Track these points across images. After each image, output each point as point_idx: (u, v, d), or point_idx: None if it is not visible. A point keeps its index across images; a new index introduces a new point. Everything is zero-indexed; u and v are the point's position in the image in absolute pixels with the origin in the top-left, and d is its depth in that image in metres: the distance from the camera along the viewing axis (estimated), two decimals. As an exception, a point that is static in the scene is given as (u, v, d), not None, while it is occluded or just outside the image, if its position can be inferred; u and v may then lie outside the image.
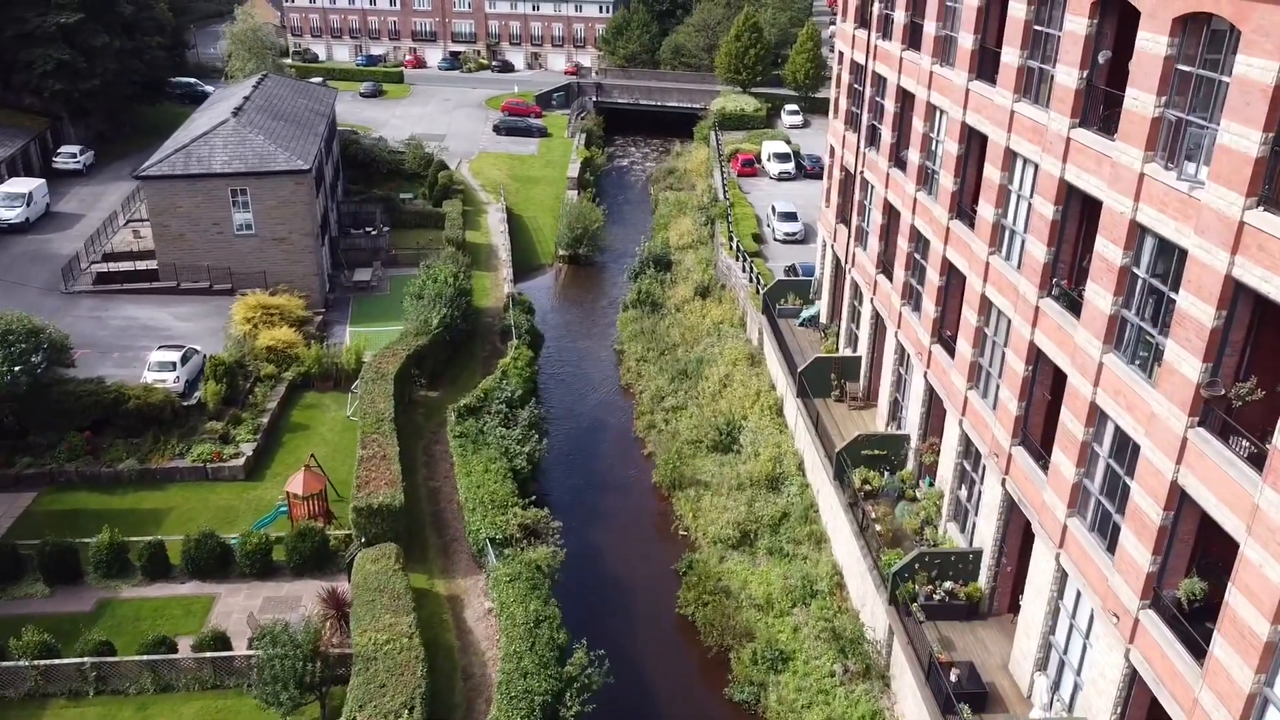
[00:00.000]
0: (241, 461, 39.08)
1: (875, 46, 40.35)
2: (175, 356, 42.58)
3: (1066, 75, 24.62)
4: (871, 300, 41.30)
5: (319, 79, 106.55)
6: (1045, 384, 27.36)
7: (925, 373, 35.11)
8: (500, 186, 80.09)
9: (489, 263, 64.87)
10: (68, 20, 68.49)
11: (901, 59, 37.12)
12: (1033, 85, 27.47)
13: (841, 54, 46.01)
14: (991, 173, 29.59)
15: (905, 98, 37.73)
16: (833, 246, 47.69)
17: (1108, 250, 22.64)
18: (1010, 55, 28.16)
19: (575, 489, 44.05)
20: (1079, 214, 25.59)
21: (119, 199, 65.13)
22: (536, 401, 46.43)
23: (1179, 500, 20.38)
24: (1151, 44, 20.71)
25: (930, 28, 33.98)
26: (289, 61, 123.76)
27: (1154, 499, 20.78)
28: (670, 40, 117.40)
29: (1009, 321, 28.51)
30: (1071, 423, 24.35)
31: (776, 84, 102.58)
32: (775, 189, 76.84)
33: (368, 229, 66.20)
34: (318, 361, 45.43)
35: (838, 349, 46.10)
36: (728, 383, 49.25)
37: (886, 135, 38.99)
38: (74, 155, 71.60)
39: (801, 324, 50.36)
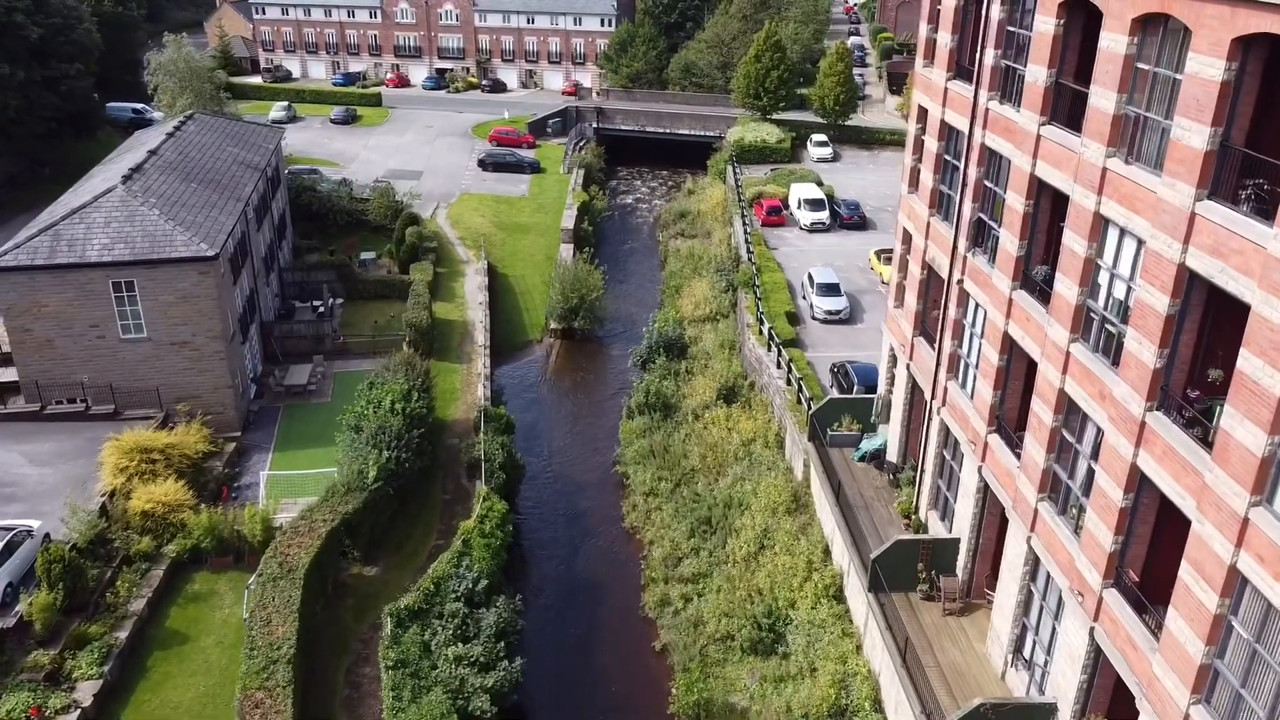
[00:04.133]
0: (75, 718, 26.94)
1: (987, 112, 28.13)
2: (-8, 546, 30.24)
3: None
4: (980, 469, 29.11)
5: (284, 103, 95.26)
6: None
7: (1091, 627, 22.90)
8: (482, 239, 67.90)
9: (462, 348, 52.68)
10: (-46, 49, 56.73)
11: (1041, 139, 24.91)
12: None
13: (924, 110, 33.81)
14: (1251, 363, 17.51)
15: (1043, 192, 25.62)
16: (908, 366, 35.49)
17: None
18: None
19: None
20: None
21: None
22: (507, 583, 34.29)
23: None
24: None
25: (1105, 101, 21.73)
26: (257, 80, 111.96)
27: None
28: (679, 57, 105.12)
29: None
30: None
31: (798, 105, 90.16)
32: (807, 244, 64.63)
33: (315, 304, 54.12)
34: (210, 532, 33.29)
35: (919, 512, 33.91)
36: (766, 542, 37.07)
37: (1009, 243, 26.79)
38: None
39: (861, 459, 38.25)
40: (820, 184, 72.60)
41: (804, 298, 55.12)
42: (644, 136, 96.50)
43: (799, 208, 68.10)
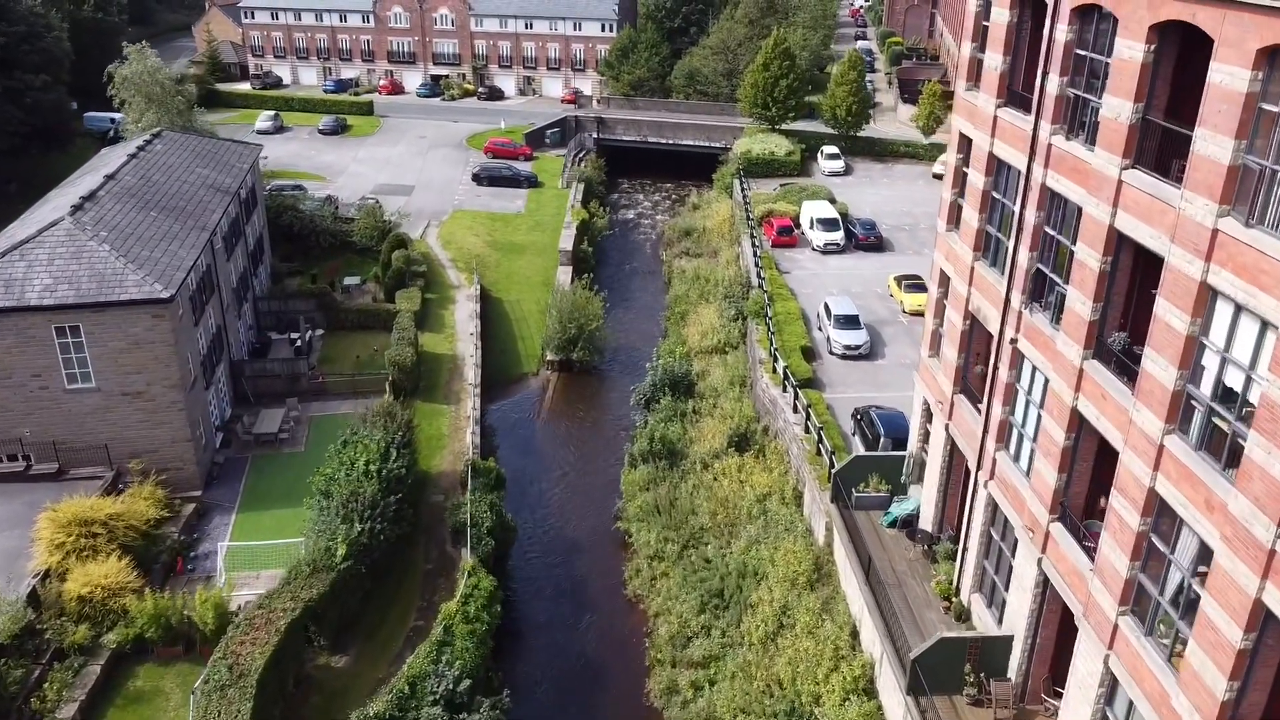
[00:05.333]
0: None
1: (1050, 148, 24.09)
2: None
3: None
4: (1040, 559, 25.06)
5: (271, 113, 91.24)
6: None
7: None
8: (475, 260, 63.86)
9: (450, 386, 48.64)
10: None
11: (1123, 186, 20.87)
12: None
13: (967, 139, 29.77)
14: None
15: (1124, 246, 21.62)
16: (946, 426, 31.44)
17: None
18: None
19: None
20: None
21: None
22: (495, 672, 30.25)
23: None
24: None
25: (1217, 148, 17.67)
26: (245, 87, 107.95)
27: None
28: (683, 64, 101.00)
29: None
30: None
31: (808, 114, 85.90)
32: (821, 267, 60.58)
33: (293, 335, 50.12)
34: (156, 619, 29.25)
35: (960, 595, 29.88)
36: (785, 620, 33.02)
37: (1080, 304, 22.72)
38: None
39: (891, 525, 34.25)
40: (833, 201, 68.54)
41: (820, 329, 51.08)
42: (646, 147, 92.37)
43: (811, 227, 64.05)
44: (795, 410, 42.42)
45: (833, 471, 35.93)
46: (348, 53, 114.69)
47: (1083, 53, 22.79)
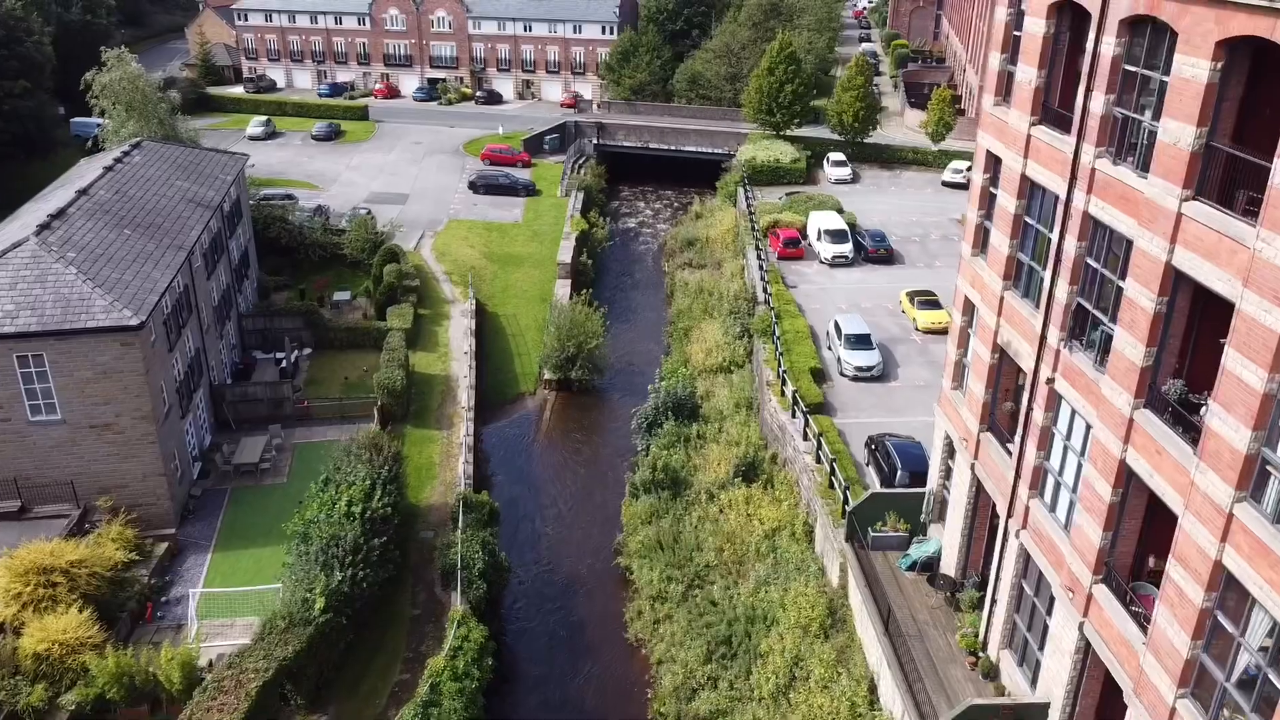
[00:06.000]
0: None
1: (1094, 173, 21.86)
2: None
3: None
4: (1081, 624, 22.82)
5: (263, 118, 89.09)
6: None
7: None
8: (471, 273, 61.63)
9: (443, 409, 46.42)
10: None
11: (1183, 220, 18.65)
12: None
13: (995, 158, 27.55)
14: None
15: (1181, 285, 19.41)
16: (972, 465, 29.22)
17: None
18: None
19: None
20: None
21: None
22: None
23: None
24: None
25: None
26: (238, 91, 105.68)
27: None
28: (685, 68, 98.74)
29: None
30: None
31: (813, 119, 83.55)
32: (830, 281, 58.35)
33: (278, 356, 47.92)
34: (118, 678, 27.02)
35: (988, 650, 27.65)
36: (798, 672, 30.79)
37: (1130, 348, 20.50)
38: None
39: (910, 568, 32.04)
40: (841, 211, 66.28)
41: (829, 348, 48.84)
42: (648, 153, 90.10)
43: (819, 239, 61.82)
44: (805, 438, 40.21)
45: (847, 509, 33.72)
46: (343, 56, 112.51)
47: (1133, 69, 20.59)
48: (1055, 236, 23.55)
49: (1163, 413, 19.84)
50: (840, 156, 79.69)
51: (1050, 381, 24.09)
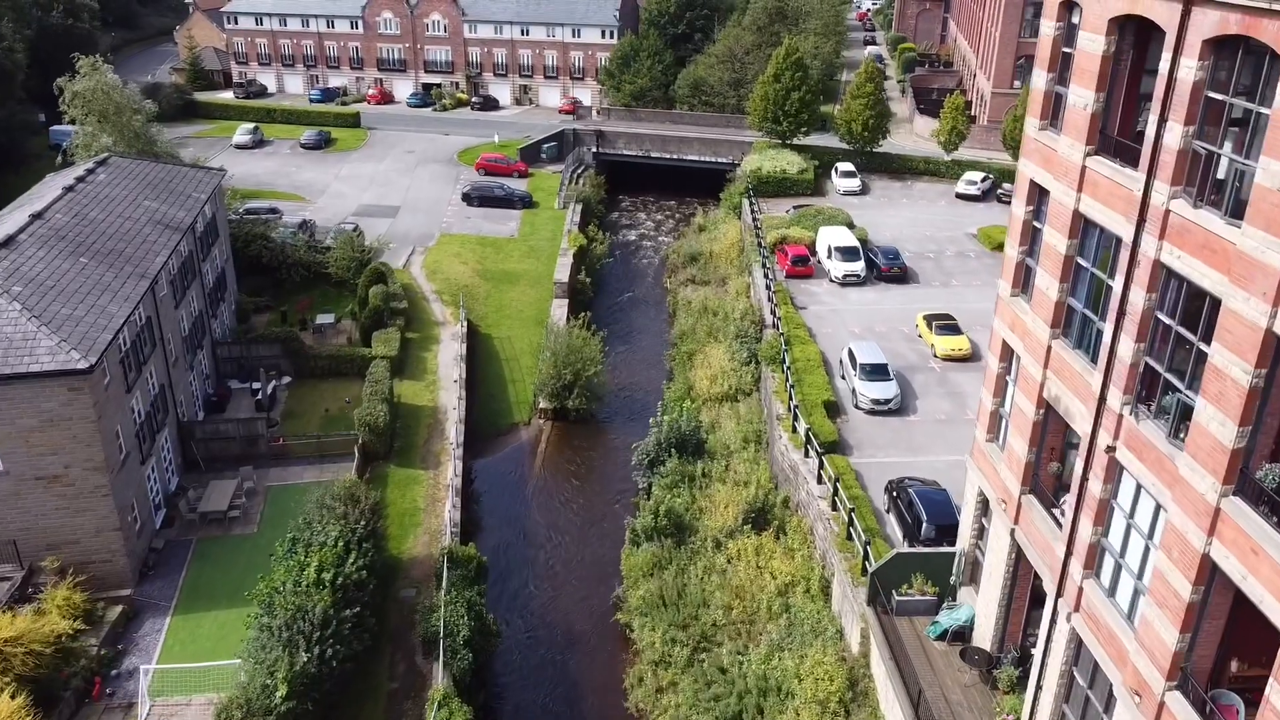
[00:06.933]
0: None
1: (1168, 215, 18.79)
2: None
3: None
4: (1150, 734, 19.74)
5: (250, 126, 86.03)
6: None
7: None
8: (463, 293, 58.55)
9: (429, 446, 43.34)
10: None
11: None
12: None
13: (1040, 189, 24.50)
14: None
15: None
16: (1012, 530, 26.15)
17: None
18: None
19: None
20: None
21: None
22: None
23: None
24: None
25: None
26: (227, 96, 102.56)
27: None
28: (688, 73, 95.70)
29: None
30: None
31: (820, 126, 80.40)
32: (841, 302, 55.29)
33: (254, 386, 44.88)
34: (54, 778, 23.96)
35: (1034, 744, 24.57)
36: (817, 756, 27.74)
37: (1217, 425, 17.41)
38: None
39: (939, 638, 28.98)
40: (852, 226, 63.24)
41: (843, 377, 45.80)
42: (649, 163, 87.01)
43: (829, 256, 58.75)
44: (820, 480, 37.17)
45: (869, 567, 30.66)
46: (335, 60, 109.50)
47: (1218, 96, 17.54)
48: (1118, 285, 20.49)
49: (1259, 504, 16.78)
50: (849, 167, 76.62)
51: (1111, 450, 21.01)
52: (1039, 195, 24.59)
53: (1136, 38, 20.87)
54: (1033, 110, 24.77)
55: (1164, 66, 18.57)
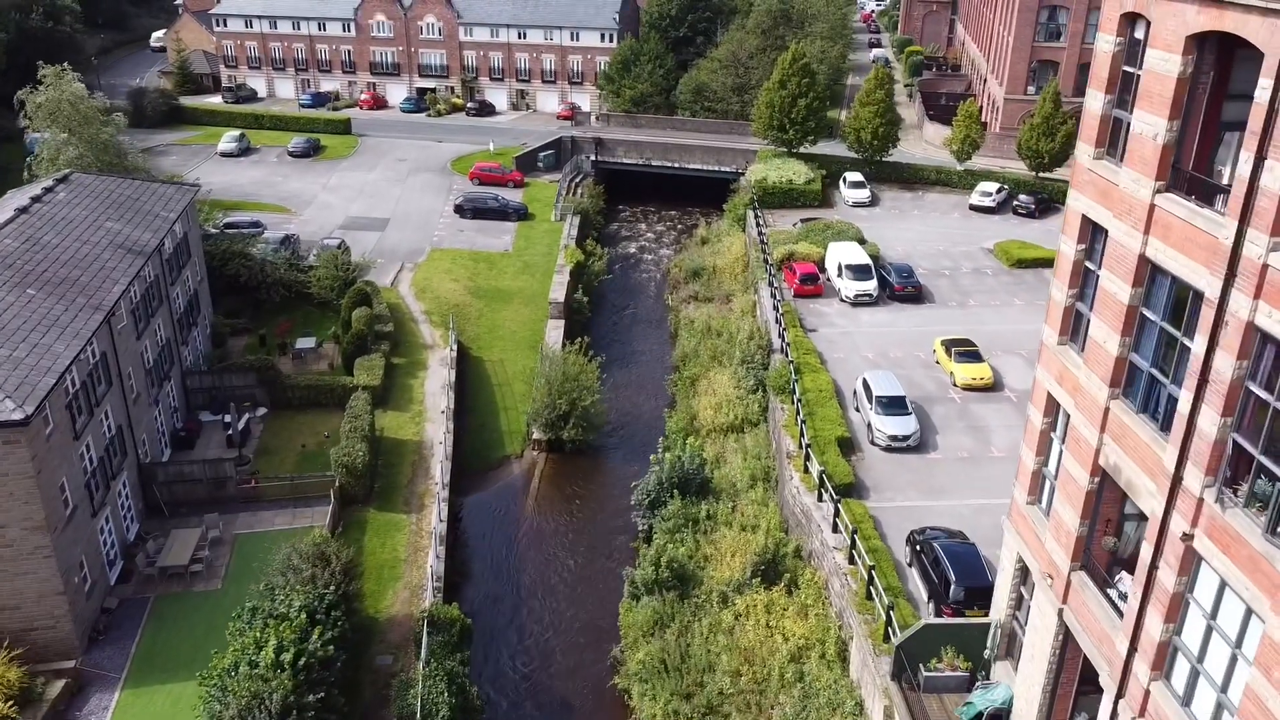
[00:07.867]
0: None
1: (1265, 270, 15.74)
2: None
3: None
4: None
5: (236, 133, 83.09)
6: None
7: None
8: (453, 313, 55.52)
9: (413, 486, 40.29)
10: None
11: None
12: None
13: (1094, 225, 21.47)
14: None
15: None
16: (1060, 610, 23.10)
17: None
18: None
19: None
20: None
21: None
22: None
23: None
24: None
25: None
26: (216, 101, 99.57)
27: None
28: (690, 78, 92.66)
29: None
30: None
31: (826, 133, 77.15)
32: (853, 324, 52.25)
33: (226, 419, 41.86)
34: None
35: None
36: None
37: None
38: None
39: (974, 720, 25.93)
40: (863, 242, 60.21)
41: (857, 409, 42.79)
42: (649, 171, 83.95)
43: (839, 274, 55.70)
44: (835, 529, 34.13)
45: (893, 638, 27.64)
46: (327, 64, 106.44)
47: (1334, 132, 14.52)
48: (1198, 347, 17.46)
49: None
50: (858, 177, 73.56)
51: (1188, 538, 17.97)
52: (1093, 233, 21.57)
53: (1218, 57, 17.86)
54: (1086, 136, 21.74)
55: (1262, 94, 15.55)
